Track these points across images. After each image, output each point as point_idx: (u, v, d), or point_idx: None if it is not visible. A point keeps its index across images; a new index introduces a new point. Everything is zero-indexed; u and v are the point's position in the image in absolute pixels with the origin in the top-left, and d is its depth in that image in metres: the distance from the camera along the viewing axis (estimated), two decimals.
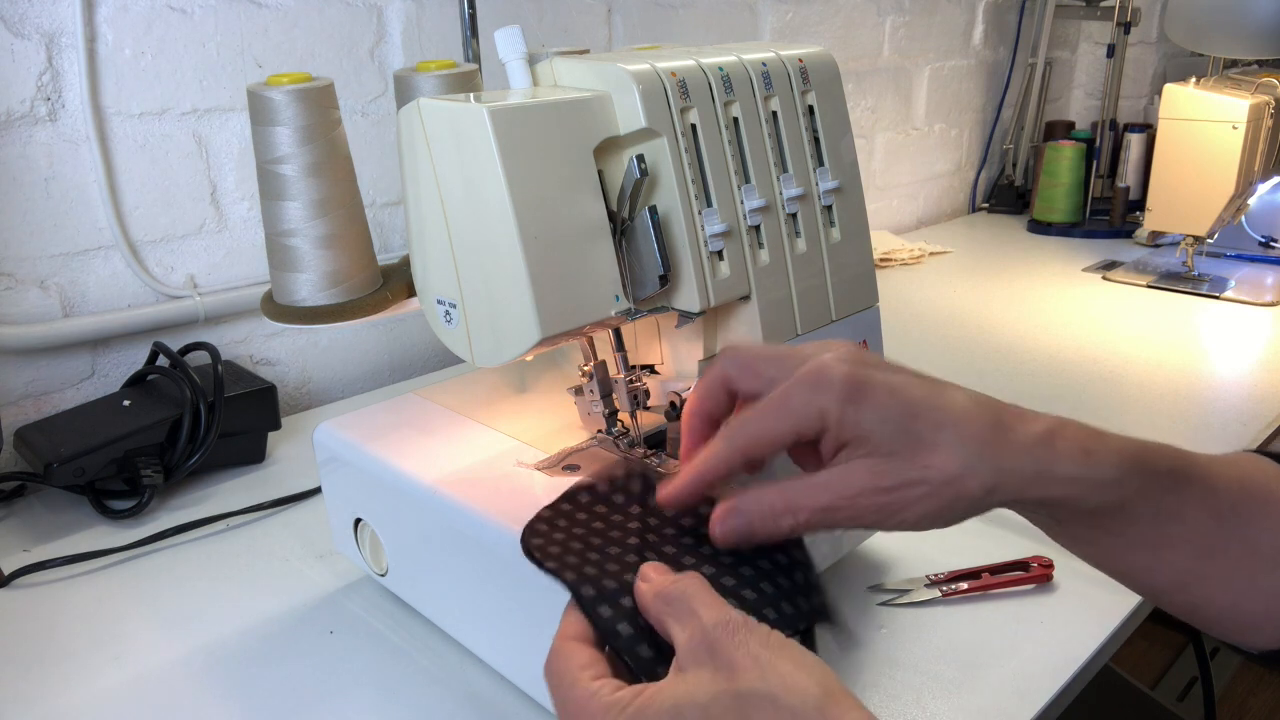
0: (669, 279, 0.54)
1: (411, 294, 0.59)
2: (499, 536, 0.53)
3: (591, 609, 0.40)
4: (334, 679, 0.62)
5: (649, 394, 0.61)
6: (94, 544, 0.77)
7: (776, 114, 0.60)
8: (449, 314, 0.55)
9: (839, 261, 0.64)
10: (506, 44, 0.56)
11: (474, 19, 1.00)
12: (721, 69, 0.57)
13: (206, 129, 0.98)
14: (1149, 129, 1.76)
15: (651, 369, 0.64)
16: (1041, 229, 1.86)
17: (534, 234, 0.49)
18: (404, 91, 0.61)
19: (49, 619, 0.69)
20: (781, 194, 0.60)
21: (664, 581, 0.39)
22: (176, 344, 0.92)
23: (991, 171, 2.13)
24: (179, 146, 0.96)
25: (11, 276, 0.89)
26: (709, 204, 0.56)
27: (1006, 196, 2.04)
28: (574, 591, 0.41)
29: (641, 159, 0.52)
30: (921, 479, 0.39)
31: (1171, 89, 1.40)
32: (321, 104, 0.56)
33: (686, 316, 0.57)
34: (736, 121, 0.58)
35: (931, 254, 1.69)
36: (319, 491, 0.82)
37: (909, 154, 1.90)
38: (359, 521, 0.67)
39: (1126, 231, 1.79)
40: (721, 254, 0.57)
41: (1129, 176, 1.81)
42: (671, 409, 0.61)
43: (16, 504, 0.86)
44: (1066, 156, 1.82)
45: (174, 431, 0.84)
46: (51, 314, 0.92)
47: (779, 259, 0.60)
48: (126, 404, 0.87)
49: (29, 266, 0.90)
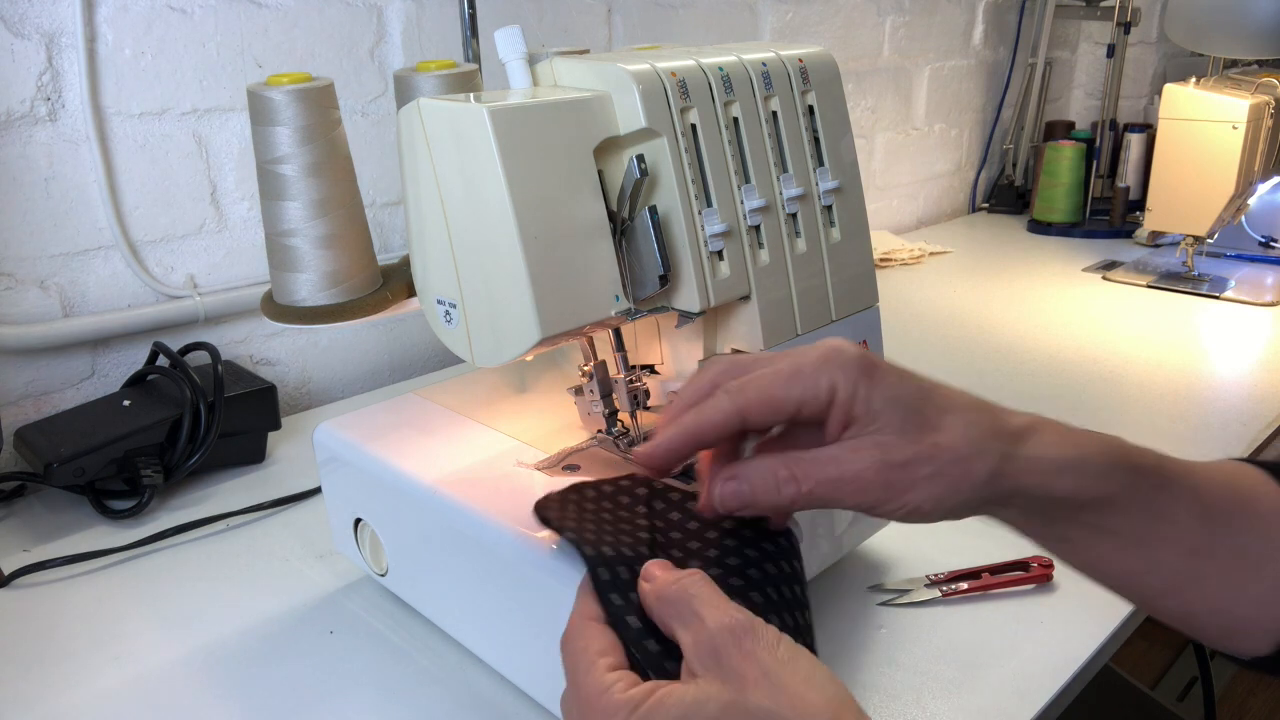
0: (669, 279, 0.54)
1: (411, 294, 0.59)
2: (499, 536, 0.53)
3: (604, 594, 0.40)
4: (334, 679, 0.62)
5: (649, 394, 0.61)
6: (94, 544, 0.77)
7: (776, 114, 0.60)
8: (449, 314, 0.55)
9: (839, 261, 0.64)
10: (506, 44, 0.56)
11: (474, 19, 1.00)
12: (721, 69, 0.57)
13: (206, 129, 0.98)
14: (1149, 129, 1.76)
15: (651, 369, 0.64)
16: (1041, 229, 1.86)
17: (534, 234, 0.49)
18: (404, 91, 0.61)
19: (49, 619, 0.69)
20: (781, 194, 0.60)
21: (667, 580, 0.39)
22: (176, 344, 0.92)
23: (991, 171, 2.13)
24: (179, 146, 0.96)
25: (11, 276, 0.89)
26: (709, 204, 0.56)
27: (1006, 196, 2.04)
28: (590, 569, 0.41)
29: (641, 159, 0.52)
30: (930, 457, 0.39)
31: (1171, 89, 1.40)
32: (321, 104, 0.56)
33: (686, 316, 0.57)
34: (736, 121, 0.58)
35: (931, 254, 1.69)
36: (319, 491, 0.82)
37: (909, 154, 1.90)
38: (359, 521, 0.67)
39: (1126, 231, 1.79)
40: (721, 254, 0.57)
41: (1129, 176, 1.81)
42: None
43: (16, 504, 0.86)
44: (1066, 156, 1.82)
45: (174, 431, 0.84)
46: (51, 314, 0.92)
47: (779, 259, 0.60)
48: (126, 404, 0.87)
49: (29, 266, 0.90)
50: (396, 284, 0.60)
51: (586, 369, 0.60)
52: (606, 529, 0.45)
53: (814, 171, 0.62)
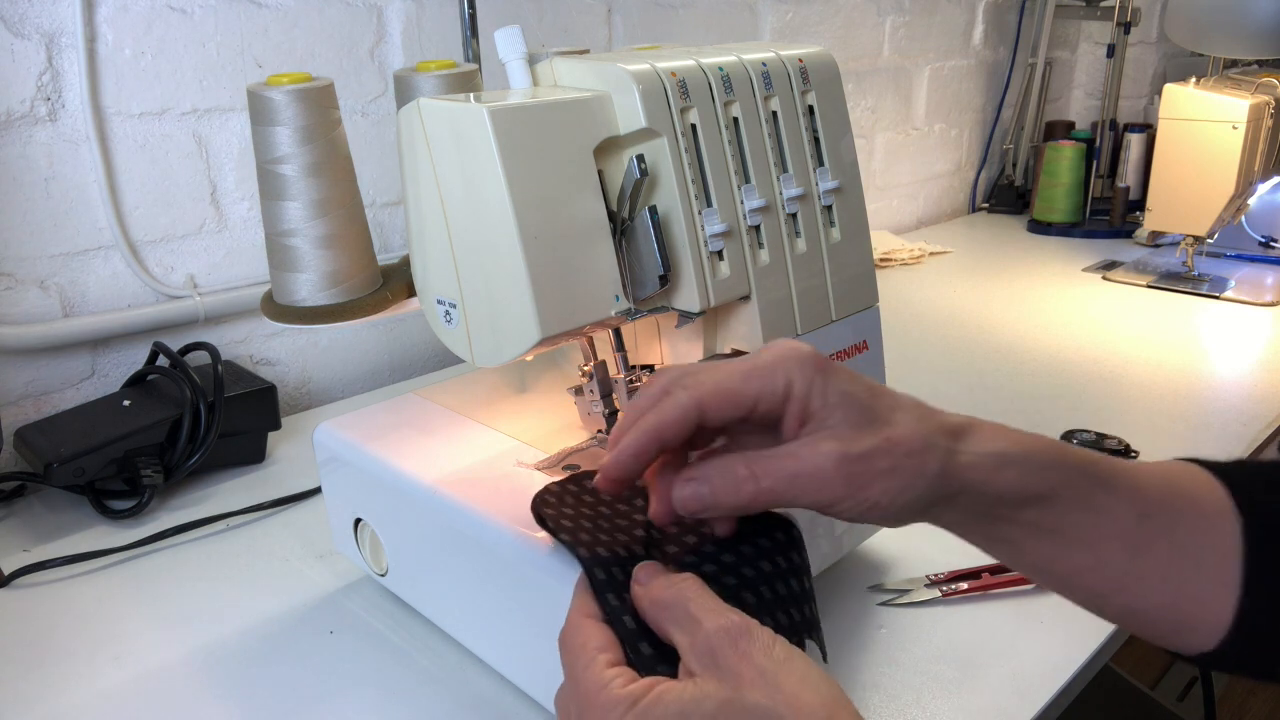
0: (669, 279, 0.54)
1: (411, 294, 0.59)
2: (499, 536, 0.53)
3: (600, 594, 0.40)
4: (334, 679, 0.62)
5: None
6: (94, 544, 0.77)
7: (776, 114, 0.60)
8: (449, 314, 0.55)
9: (839, 261, 0.64)
10: (506, 44, 0.56)
11: (474, 19, 1.00)
12: (721, 69, 0.57)
13: (206, 129, 0.98)
14: (1149, 129, 1.76)
15: (651, 369, 0.64)
16: (1041, 229, 1.86)
17: (534, 234, 0.49)
18: (404, 91, 0.61)
19: (49, 619, 0.69)
20: (781, 194, 0.60)
21: (660, 585, 0.39)
22: (176, 344, 0.92)
23: (991, 171, 2.13)
24: (179, 146, 0.96)
25: (11, 276, 0.89)
26: (709, 204, 0.56)
27: (1006, 196, 2.04)
28: (586, 570, 0.41)
29: (641, 159, 0.52)
30: (887, 450, 0.40)
31: (1171, 89, 1.40)
32: (321, 104, 0.56)
33: (686, 316, 0.57)
34: (736, 121, 0.58)
35: (931, 254, 1.69)
36: (319, 491, 0.82)
37: (909, 154, 1.90)
38: (359, 521, 0.67)
39: (1126, 231, 1.80)
40: (721, 254, 0.57)
41: (1129, 176, 1.81)
42: None
43: (16, 504, 0.86)
44: (1066, 156, 1.82)
45: (174, 431, 0.84)
46: (51, 314, 0.92)
47: (779, 259, 0.60)
48: (126, 404, 0.87)
49: (29, 266, 0.90)
50: (396, 284, 0.60)
51: (586, 369, 0.60)
52: (603, 525, 0.45)
53: (814, 171, 0.62)
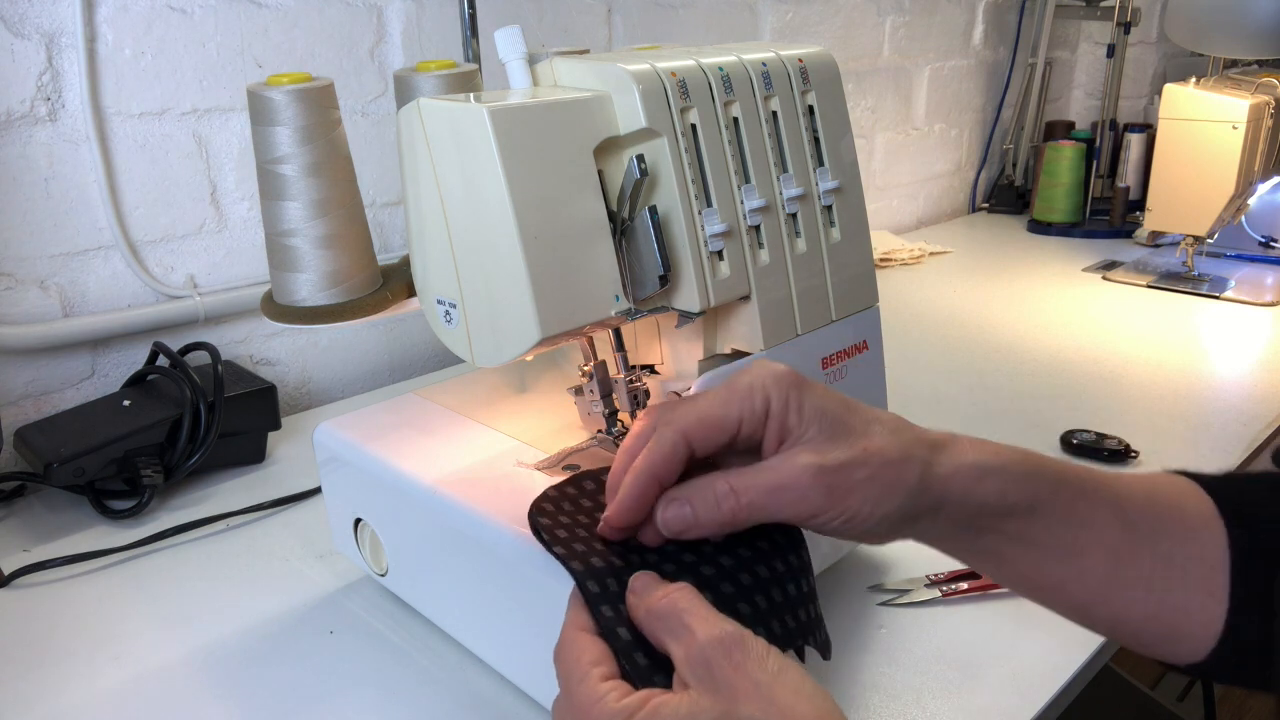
0: (669, 279, 0.54)
1: (411, 294, 0.59)
2: (499, 536, 0.53)
3: (595, 606, 0.40)
4: (334, 679, 0.62)
5: (649, 394, 0.61)
6: (94, 544, 0.77)
7: (776, 114, 0.60)
8: (449, 314, 0.55)
9: (839, 261, 0.64)
10: (506, 44, 0.56)
11: (474, 19, 1.00)
12: (721, 69, 0.57)
13: (206, 129, 0.98)
14: (1149, 129, 1.76)
15: (651, 369, 0.64)
16: (1041, 229, 1.86)
17: (534, 234, 0.49)
18: (404, 91, 0.61)
19: (49, 619, 0.69)
20: (781, 194, 0.60)
21: (655, 596, 0.39)
22: (176, 344, 0.92)
23: (991, 171, 2.13)
24: (179, 146, 0.96)
25: (11, 276, 0.89)
26: (709, 204, 0.56)
27: (1006, 196, 2.04)
28: (579, 584, 0.41)
29: (641, 159, 0.52)
30: (863, 461, 0.41)
31: (1171, 89, 1.40)
32: (321, 104, 0.56)
33: (686, 316, 0.57)
34: (736, 121, 0.58)
35: (931, 254, 1.69)
36: (319, 491, 0.82)
37: (909, 154, 1.90)
38: (359, 521, 0.67)
39: (1126, 231, 1.79)
40: (721, 254, 0.57)
41: (1129, 176, 1.81)
42: None
43: (16, 504, 0.86)
44: (1066, 156, 1.82)
45: (174, 431, 0.84)
46: (51, 314, 0.92)
47: (779, 259, 0.60)
48: (126, 404, 0.87)
49: (29, 266, 0.90)
50: (396, 284, 0.60)
51: (586, 369, 0.60)
52: (599, 532, 0.45)
53: (814, 171, 0.62)
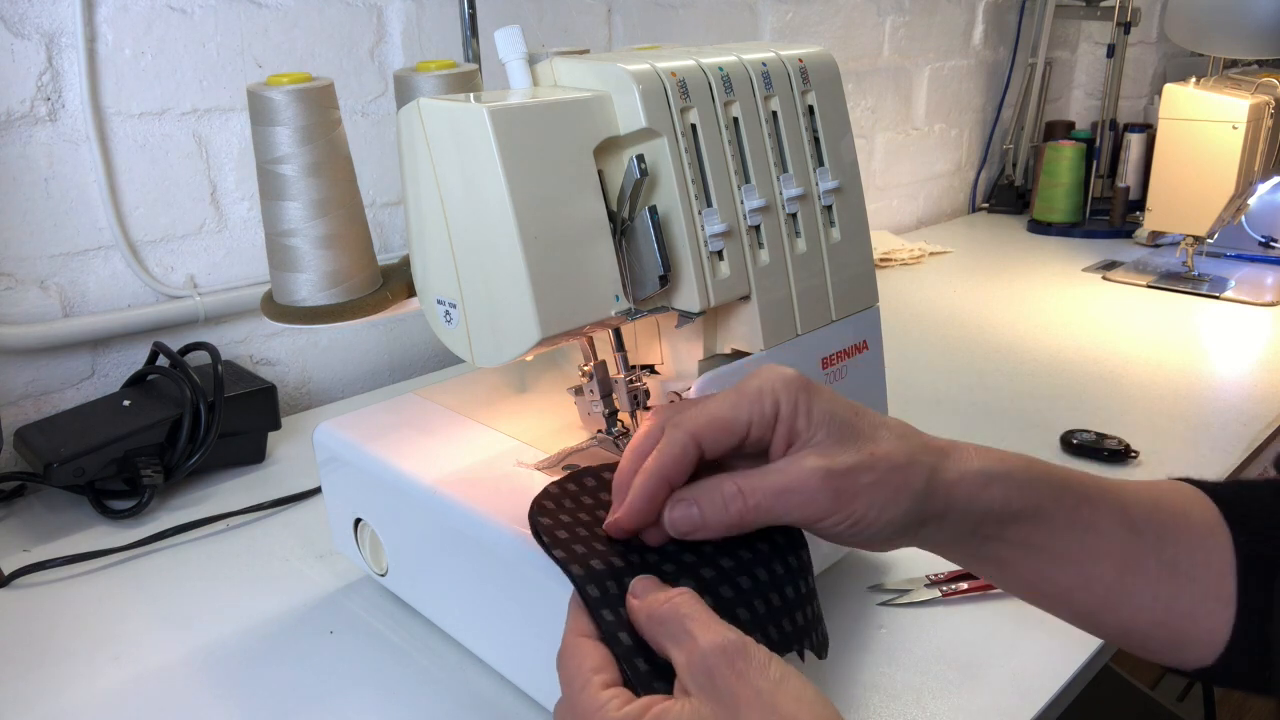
0: (669, 279, 0.54)
1: (411, 294, 0.59)
2: (499, 536, 0.53)
3: (595, 610, 0.40)
4: (334, 679, 0.62)
5: (649, 394, 0.61)
6: (94, 544, 0.77)
7: (776, 114, 0.60)
8: (449, 314, 0.55)
9: (839, 261, 0.64)
10: (506, 44, 0.56)
11: (474, 19, 1.00)
12: (721, 69, 0.57)
13: (206, 129, 0.98)
14: (1149, 129, 1.76)
15: (651, 369, 0.64)
16: (1041, 229, 1.86)
17: (534, 234, 0.49)
18: (404, 91, 0.61)
19: (49, 619, 0.69)
20: (781, 194, 0.60)
21: (656, 600, 0.39)
22: (176, 344, 0.92)
23: (991, 171, 2.13)
24: (179, 146, 0.96)
25: (11, 276, 0.89)
26: (709, 204, 0.56)
27: (1006, 196, 2.04)
28: (579, 588, 0.41)
29: (641, 159, 0.52)
30: (870, 466, 0.41)
31: (1171, 89, 1.40)
32: (321, 104, 0.56)
33: (686, 316, 0.57)
34: (736, 121, 0.58)
35: (931, 254, 1.69)
36: (319, 491, 0.82)
37: (909, 154, 1.90)
38: (359, 521, 0.67)
39: (1126, 231, 1.79)
40: (721, 254, 0.57)
41: (1129, 176, 1.81)
42: None
43: (16, 504, 0.86)
44: (1066, 156, 1.82)
45: (174, 431, 0.84)
46: (51, 314, 0.92)
47: (779, 259, 0.60)
48: (126, 404, 0.87)
49: (29, 266, 0.90)
50: (396, 284, 0.60)
51: (586, 369, 0.60)
52: (599, 529, 0.45)
53: (814, 171, 0.62)
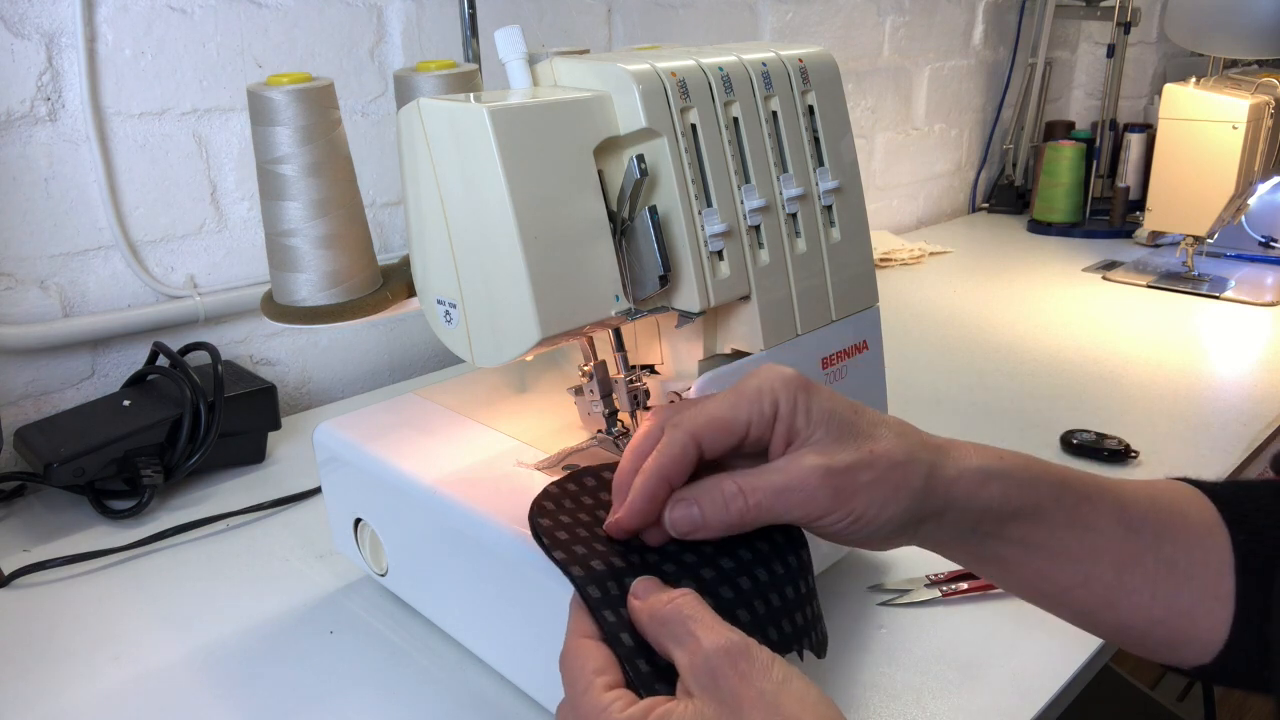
0: (669, 279, 0.54)
1: (411, 294, 0.59)
2: (499, 536, 0.53)
3: (597, 611, 0.40)
4: (334, 679, 0.62)
5: (649, 394, 0.61)
6: (94, 544, 0.77)
7: (776, 114, 0.60)
8: (449, 314, 0.55)
9: (839, 261, 0.64)
10: (506, 44, 0.56)
11: (474, 19, 1.00)
12: (721, 69, 0.57)
13: (206, 129, 0.98)
14: (1149, 129, 1.76)
15: (651, 369, 0.64)
16: (1041, 229, 1.86)
17: (534, 234, 0.49)
18: (404, 91, 0.61)
19: (49, 619, 0.69)
20: (781, 194, 0.60)
21: (659, 601, 0.39)
22: (176, 344, 0.92)
23: (991, 171, 2.13)
24: (179, 146, 0.96)
25: (11, 276, 0.89)
26: (709, 204, 0.56)
27: (1006, 196, 2.04)
28: (580, 590, 0.41)
29: (641, 159, 0.52)
30: (869, 464, 0.41)
31: (1171, 89, 1.40)
32: (321, 104, 0.56)
33: (686, 316, 0.57)
34: (736, 121, 0.58)
35: (931, 254, 1.69)
36: (319, 491, 0.82)
37: (909, 154, 1.90)
38: (359, 521, 0.67)
39: (1126, 231, 1.79)
40: (721, 254, 0.57)
41: (1129, 176, 1.81)
42: None
43: (16, 504, 0.86)
44: (1066, 156, 1.82)
45: (174, 431, 0.84)
46: (51, 314, 0.92)
47: (779, 259, 0.60)
48: (126, 404, 0.87)
49: (29, 266, 0.90)
50: (396, 284, 0.60)
51: (586, 369, 0.60)
52: (599, 529, 0.44)
53: (814, 171, 0.62)
